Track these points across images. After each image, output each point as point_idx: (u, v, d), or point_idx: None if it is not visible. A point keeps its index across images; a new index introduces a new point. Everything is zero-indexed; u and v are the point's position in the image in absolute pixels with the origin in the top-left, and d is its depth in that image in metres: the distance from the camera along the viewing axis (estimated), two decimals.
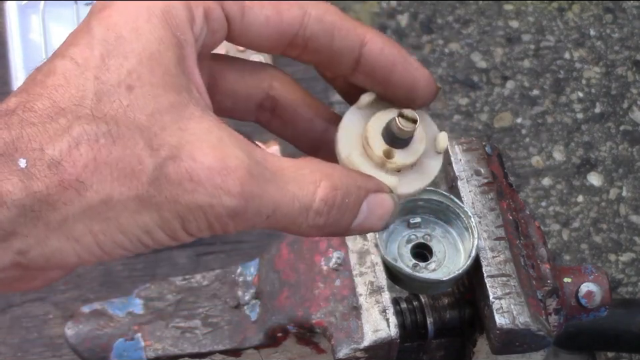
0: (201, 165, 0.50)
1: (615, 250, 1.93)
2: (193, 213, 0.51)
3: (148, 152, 0.50)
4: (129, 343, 0.81)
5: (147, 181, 0.50)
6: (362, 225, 0.56)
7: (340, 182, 0.54)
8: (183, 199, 0.51)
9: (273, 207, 0.52)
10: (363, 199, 0.55)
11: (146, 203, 0.51)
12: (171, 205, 0.51)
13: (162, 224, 0.51)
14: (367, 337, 0.72)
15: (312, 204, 0.53)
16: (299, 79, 1.05)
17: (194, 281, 0.83)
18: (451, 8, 2.17)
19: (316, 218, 0.54)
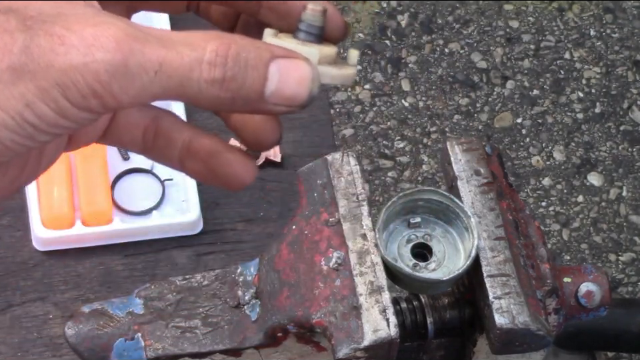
0: (74, 32, 0.49)
1: (615, 250, 1.94)
2: (70, 76, 0.49)
3: (20, 27, 0.49)
4: (129, 342, 0.81)
5: (18, 51, 0.49)
6: (281, 92, 0.53)
7: (235, 39, 0.52)
8: (56, 63, 0.49)
9: (158, 60, 0.50)
10: (267, 60, 0.53)
11: (19, 72, 0.49)
12: (46, 72, 0.49)
13: (40, 94, 0.50)
14: (367, 337, 0.72)
15: (203, 56, 0.51)
16: None
17: (194, 280, 0.83)
18: (451, 8, 2.17)
19: (211, 70, 0.51)
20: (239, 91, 0.52)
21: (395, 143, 2.02)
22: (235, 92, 0.52)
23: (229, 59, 0.52)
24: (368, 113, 2.04)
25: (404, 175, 1.99)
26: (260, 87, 0.53)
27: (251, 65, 0.52)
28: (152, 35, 0.51)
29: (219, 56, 0.51)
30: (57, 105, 0.50)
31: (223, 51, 0.51)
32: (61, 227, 0.92)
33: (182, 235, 0.95)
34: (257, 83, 0.53)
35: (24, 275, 0.92)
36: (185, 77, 0.51)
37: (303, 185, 0.80)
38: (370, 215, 0.77)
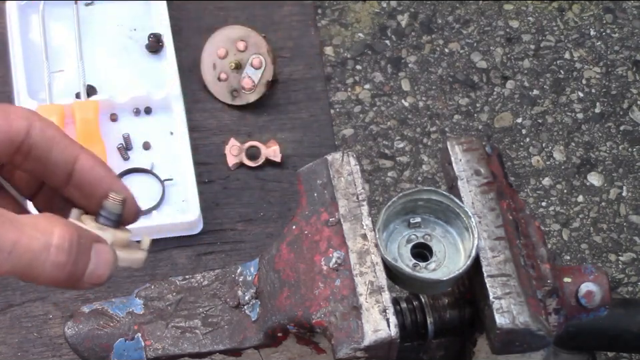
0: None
1: (615, 250, 1.94)
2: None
3: None
4: (129, 342, 0.81)
5: None
6: (94, 273, 0.62)
7: (73, 225, 0.61)
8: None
9: (11, 243, 0.58)
10: (91, 245, 0.62)
11: None
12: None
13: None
14: (367, 337, 0.72)
15: (52, 240, 0.59)
16: (297, 79, 1.05)
17: (194, 280, 0.83)
18: (451, 8, 2.17)
19: (58, 254, 0.59)
20: (74, 272, 0.61)
21: (394, 142, 2.02)
22: (71, 274, 0.61)
23: (73, 246, 0.60)
24: (368, 113, 2.04)
25: (404, 174, 1.99)
26: (85, 270, 0.62)
27: (84, 250, 0.61)
28: (5, 217, 0.58)
29: (66, 241, 0.59)
30: None
31: (68, 237, 0.59)
32: None
33: (182, 234, 0.95)
34: (84, 266, 0.62)
35: None
36: (35, 258, 0.59)
37: (303, 184, 0.80)
38: (370, 215, 0.77)
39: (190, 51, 1.05)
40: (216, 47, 1.02)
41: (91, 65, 1.04)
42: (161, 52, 1.04)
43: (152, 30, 1.05)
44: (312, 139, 1.01)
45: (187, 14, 1.07)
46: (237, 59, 1.02)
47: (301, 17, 1.08)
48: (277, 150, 0.99)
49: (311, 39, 1.06)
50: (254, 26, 1.03)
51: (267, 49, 1.01)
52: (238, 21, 1.06)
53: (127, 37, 1.06)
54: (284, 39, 1.06)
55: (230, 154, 1.00)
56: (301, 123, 1.02)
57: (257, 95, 1.02)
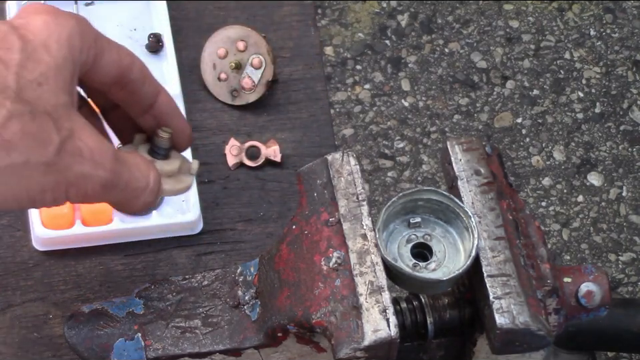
0: (87, 145, 0.71)
1: (615, 250, 1.94)
2: (78, 180, 0.71)
3: (55, 130, 0.70)
4: (129, 342, 0.81)
5: (53, 151, 0.70)
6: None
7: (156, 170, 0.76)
8: (74, 168, 0.70)
9: (124, 182, 0.73)
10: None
11: (51, 168, 0.70)
12: (66, 172, 0.70)
13: (54, 187, 0.70)
14: (367, 337, 0.73)
15: (149, 184, 0.75)
16: (297, 79, 1.05)
17: (194, 280, 0.83)
18: (451, 8, 2.17)
19: (150, 195, 0.75)
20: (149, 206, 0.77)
21: (394, 142, 2.02)
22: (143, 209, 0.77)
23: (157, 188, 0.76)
24: (368, 113, 2.04)
25: (404, 174, 1.99)
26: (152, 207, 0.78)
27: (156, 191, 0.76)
28: (120, 158, 0.73)
29: (156, 185, 0.75)
30: (57, 197, 0.71)
31: (157, 181, 0.76)
32: (61, 227, 0.92)
33: (182, 235, 0.95)
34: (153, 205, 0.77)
35: (24, 275, 0.92)
36: (135, 196, 0.75)
37: (303, 184, 0.80)
38: (370, 215, 0.78)
39: (190, 50, 1.05)
40: (216, 46, 1.02)
41: None
42: (161, 52, 1.04)
43: (152, 30, 1.05)
44: (312, 138, 1.01)
45: (187, 14, 1.07)
46: (236, 59, 1.02)
47: (300, 17, 1.07)
48: (277, 150, 0.99)
49: (311, 39, 1.06)
50: (254, 26, 1.03)
51: (267, 49, 1.01)
52: (238, 20, 1.06)
53: (127, 37, 1.06)
54: (284, 38, 1.06)
55: (230, 154, 1.00)
56: (301, 122, 1.02)
57: (257, 95, 1.02)
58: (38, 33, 0.73)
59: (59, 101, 0.71)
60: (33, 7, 0.75)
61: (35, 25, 0.73)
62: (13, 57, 0.71)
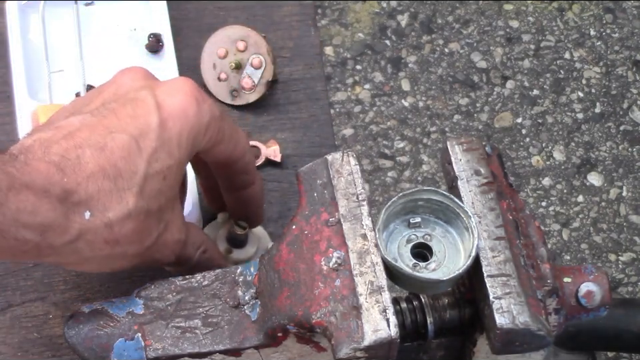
0: (172, 237, 0.77)
1: (615, 250, 1.94)
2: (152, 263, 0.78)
3: (156, 226, 0.74)
4: (129, 342, 0.81)
5: (148, 245, 0.74)
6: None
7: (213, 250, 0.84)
8: (155, 256, 0.76)
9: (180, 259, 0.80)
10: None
11: (139, 256, 0.75)
12: (148, 258, 0.76)
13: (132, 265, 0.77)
14: (367, 337, 0.73)
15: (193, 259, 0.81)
16: (297, 79, 1.05)
17: (194, 280, 0.83)
18: (451, 8, 2.17)
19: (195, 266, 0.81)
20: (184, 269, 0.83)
21: (395, 142, 2.02)
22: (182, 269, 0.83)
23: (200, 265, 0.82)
24: (368, 113, 2.04)
25: (404, 174, 1.99)
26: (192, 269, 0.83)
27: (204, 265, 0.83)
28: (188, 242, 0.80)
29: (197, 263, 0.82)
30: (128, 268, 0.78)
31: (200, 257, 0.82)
32: None
33: None
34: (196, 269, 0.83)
35: (24, 275, 0.92)
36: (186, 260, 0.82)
37: (303, 184, 0.80)
38: (370, 215, 0.78)
39: (190, 51, 1.05)
40: (216, 46, 1.02)
41: (90, 65, 1.04)
42: (160, 52, 1.04)
43: (152, 30, 1.05)
44: (312, 138, 1.01)
45: (187, 14, 1.07)
46: (236, 59, 1.01)
47: (300, 17, 1.07)
48: (277, 150, 0.99)
49: (311, 39, 1.06)
50: (254, 26, 1.03)
51: (267, 49, 1.01)
52: (238, 20, 1.05)
53: (126, 37, 1.06)
54: (284, 38, 1.06)
55: None
56: (301, 122, 1.02)
57: (257, 95, 1.02)
58: (176, 120, 0.72)
59: (171, 195, 0.74)
60: (181, 84, 0.75)
61: (175, 108, 0.73)
62: (149, 144, 0.71)
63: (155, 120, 0.72)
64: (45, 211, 0.68)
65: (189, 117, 0.73)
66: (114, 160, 0.70)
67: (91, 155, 0.70)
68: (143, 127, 0.71)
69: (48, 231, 0.69)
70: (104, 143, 0.70)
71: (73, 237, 0.70)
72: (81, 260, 0.73)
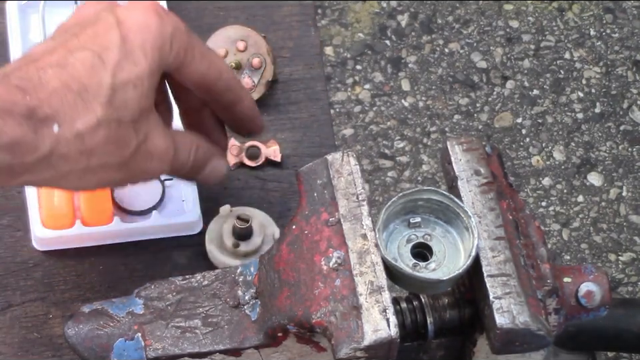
0: (156, 146, 0.76)
1: (615, 250, 1.94)
2: (142, 175, 0.78)
3: (134, 135, 0.74)
4: (129, 342, 0.81)
5: (129, 154, 0.74)
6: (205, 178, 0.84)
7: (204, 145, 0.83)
8: (142, 166, 0.76)
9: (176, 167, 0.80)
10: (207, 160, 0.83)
11: (123, 167, 0.75)
12: (134, 169, 0.76)
13: (121, 180, 0.77)
14: (367, 337, 0.73)
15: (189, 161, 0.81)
16: (297, 79, 1.05)
17: (194, 280, 0.83)
18: (451, 8, 2.17)
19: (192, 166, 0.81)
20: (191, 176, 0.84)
21: (394, 142, 2.02)
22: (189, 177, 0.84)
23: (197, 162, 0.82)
24: (368, 113, 2.04)
25: (404, 174, 1.99)
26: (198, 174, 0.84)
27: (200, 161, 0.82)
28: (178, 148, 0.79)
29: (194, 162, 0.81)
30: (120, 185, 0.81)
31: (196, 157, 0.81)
32: (61, 227, 0.92)
33: (182, 234, 0.95)
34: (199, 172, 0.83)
35: (24, 275, 0.92)
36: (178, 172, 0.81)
37: (303, 184, 0.80)
38: (370, 215, 0.78)
39: None
40: (216, 46, 1.02)
41: None
42: None
43: None
44: (312, 138, 1.01)
45: (187, 14, 1.07)
46: (236, 59, 1.01)
47: (300, 17, 1.07)
48: (277, 150, 0.99)
49: (311, 39, 1.06)
50: (254, 26, 1.03)
51: (267, 49, 1.00)
52: (238, 20, 1.05)
53: None
54: (284, 38, 1.06)
55: (230, 154, 1.00)
56: (301, 123, 1.02)
57: (257, 95, 1.01)
58: (137, 32, 0.74)
59: (143, 106, 0.74)
60: (142, 2, 0.76)
61: (135, 22, 0.74)
62: (111, 57, 0.72)
63: (116, 34, 0.73)
64: (11, 130, 0.69)
65: (151, 28, 0.74)
66: (77, 75, 0.71)
67: (53, 73, 0.71)
68: (104, 42, 0.72)
69: (18, 150, 0.70)
70: (65, 61, 0.72)
71: (46, 151, 0.71)
72: (58, 176, 0.73)
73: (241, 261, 0.90)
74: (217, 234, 0.93)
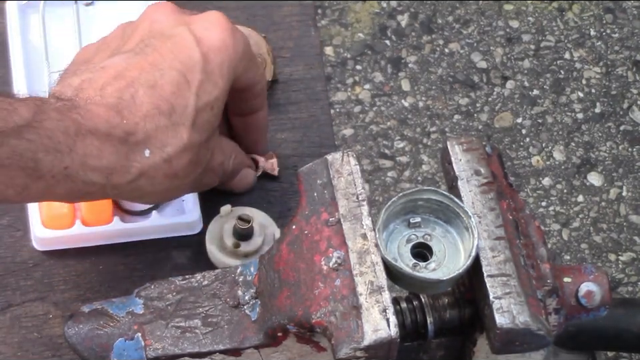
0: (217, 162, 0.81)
1: (615, 250, 1.94)
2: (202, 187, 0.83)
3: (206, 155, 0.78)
4: (129, 342, 0.81)
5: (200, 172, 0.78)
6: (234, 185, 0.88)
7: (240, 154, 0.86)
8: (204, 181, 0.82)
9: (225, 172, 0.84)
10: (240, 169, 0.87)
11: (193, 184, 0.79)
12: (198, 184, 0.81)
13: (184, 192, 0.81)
14: (367, 337, 0.73)
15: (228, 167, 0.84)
16: (297, 79, 1.05)
17: (194, 280, 0.83)
18: (451, 8, 2.17)
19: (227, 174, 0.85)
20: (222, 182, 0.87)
21: (394, 142, 2.02)
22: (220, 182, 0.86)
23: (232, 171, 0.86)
24: (368, 113, 2.04)
25: (404, 174, 1.99)
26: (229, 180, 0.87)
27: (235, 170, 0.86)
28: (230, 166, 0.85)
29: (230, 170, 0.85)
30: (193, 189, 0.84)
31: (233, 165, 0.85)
32: (61, 227, 0.92)
33: (182, 234, 0.95)
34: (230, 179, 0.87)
35: (24, 275, 0.92)
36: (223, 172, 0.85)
37: (303, 184, 0.80)
38: (370, 215, 0.78)
39: None
40: None
41: None
42: None
43: None
44: (312, 138, 1.01)
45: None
46: None
47: (300, 17, 1.07)
48: (275, 163, 0.99)
49: (311, 39, 1.06)
50: (254, 26, 1.03)
51: (267, 49, 1.00)
52: (238, 21, 1.05)
53: None
54: (284, 39, 1.06)
55: None
56: (301, 122, 1.02)
57: None
58: (217, 52, 0.75)
59: (215, 125, 0.76)
60: (215, 17, 0.78)
61: (214, 41, 0.76)
62: (195, 77, 0.74)
63: (197, 54, 0.74)
64: (109, 154, 0.71)
65: (228, 48, 0.76)
66: (166, 96, 0.73)
67: (144, 94, 0.72)
68: (187, 61, 0.74)
69: (112, 173, 0.72)
70: (154, 80, 0.73)
71: (135, 175, 0.73)
72: (141, 195, 0.76)
73: (241, 261, 0.90)
74: (217, 234, 0.93)
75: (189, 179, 0.77)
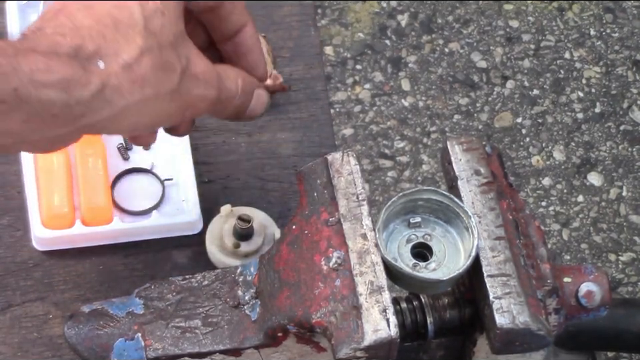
0: (200, 69, 0.76)
1: (615, 250, 1.94)
2: (195, 102, 0.77)
3: (177, 59, 0.74)
4: (129, 342, 0.81)
5: (177, 80, 0.74)
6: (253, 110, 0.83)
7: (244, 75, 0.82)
8: (193, 91, 0.76)
9: (225, 95, 0.80)
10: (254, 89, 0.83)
11: (175, 95, 0.75)
12: (186, 96, 0.76)
13: (177, 110, 0.76)
14: (367, 337, 0.73)
15: (237, 93, 0.81)
16: (297, 79, 1.05)
17: (194, 280, 0.83)
18: (451, 8, 2.17)
19: (239, 99, 0.81)
20: (241, 110, 0.82)
21: (394, 142, 2.02)
22: (239, 111, 0.82)
23: (245, 93, 0.81)
24: (368, 113, 2.04)
25: (404, 174, 1.99)
26: (247, 107, 0.83)
27: (248, 92, 0.82)
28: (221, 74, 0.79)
29: (242, 92, 0.81)
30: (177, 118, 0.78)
31: (243, 87, 0.81)
32: (61, 227, 0.92)
33: (182, 234, 0.95)
34: (247, 105, 0.83)
35: (24, 275, 0.92)
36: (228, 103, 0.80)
37: (303, 184, 0.80)
38: (370, 215, 0.78)
39: None
40: None
41: None
42: None
43: None
44: (312, 138, 1.01)
45: None
46: None
47: (300, 17, 1.08)
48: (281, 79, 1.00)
49: (311, 39, 1.06)
50: None
51: (267, 49, 1.00)
52: None
53: None
54: (284, 39, 1.06)
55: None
56: (301, 122, 1.02)
57: None
58: None
59: (177, 29, 0.75)
60: None
61: None
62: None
63: None
64: (60, 68, 0.70)
65: None
66: (106, 10, 0.73)
67: (83, 15, 0.72)
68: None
69: (70, 86, 0.70)
70: (89, 2, 0.73)
71: (98, 85, 0.72)
72: (117, 112, 0.73)
73: (241, 261, 0.90)
74: (217, 234, 0.93)
75: (163, 86, 0.75)
